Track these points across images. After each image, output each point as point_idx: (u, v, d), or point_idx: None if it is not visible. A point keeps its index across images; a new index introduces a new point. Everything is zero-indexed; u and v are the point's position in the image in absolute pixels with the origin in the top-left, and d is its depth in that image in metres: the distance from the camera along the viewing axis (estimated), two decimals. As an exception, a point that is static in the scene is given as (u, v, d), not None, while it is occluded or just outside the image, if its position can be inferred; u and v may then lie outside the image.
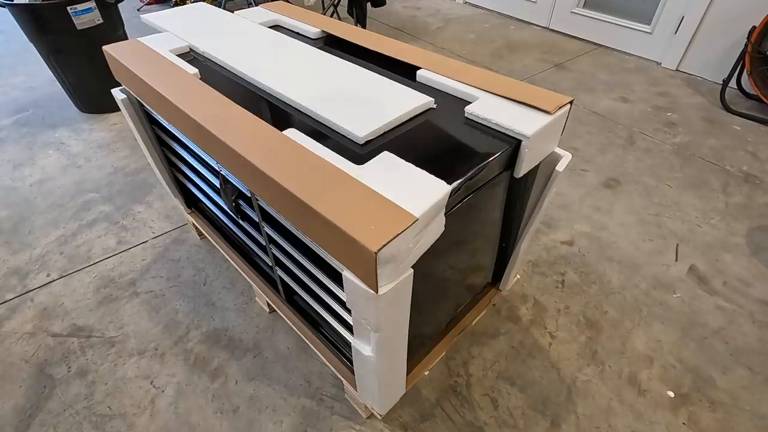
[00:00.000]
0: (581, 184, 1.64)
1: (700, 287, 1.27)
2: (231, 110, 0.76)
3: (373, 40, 1.04)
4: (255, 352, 1.10)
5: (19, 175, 1.68)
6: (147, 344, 1.12)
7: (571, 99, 0.79)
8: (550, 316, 1.19)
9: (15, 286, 1.27)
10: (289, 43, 1.01)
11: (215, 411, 0.99)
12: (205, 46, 0.99)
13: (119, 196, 1.58)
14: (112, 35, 1.88)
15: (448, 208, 0.65)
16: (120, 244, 1.40)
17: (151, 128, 1.10)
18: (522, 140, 0.72)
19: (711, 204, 1.55)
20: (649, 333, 1.15)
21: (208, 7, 1.21)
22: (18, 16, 1.69)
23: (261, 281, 1.08)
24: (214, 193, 1.01)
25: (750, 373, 1.06)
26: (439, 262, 0.79)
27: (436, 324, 0.96)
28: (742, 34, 2.11)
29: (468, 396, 1.02)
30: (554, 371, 1.06)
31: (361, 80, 0.86)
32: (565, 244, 1.40)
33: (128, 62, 0.92)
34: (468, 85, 0.84)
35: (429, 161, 0.67)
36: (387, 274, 0.56)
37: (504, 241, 1.01)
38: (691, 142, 1.87)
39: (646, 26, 2.48)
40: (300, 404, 1.00)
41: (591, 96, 2.21)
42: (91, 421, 0.97)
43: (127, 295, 1.24)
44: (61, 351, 1.11)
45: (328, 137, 0.73)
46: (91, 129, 1.94)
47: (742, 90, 2.18)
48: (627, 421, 0.97)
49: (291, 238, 0.79)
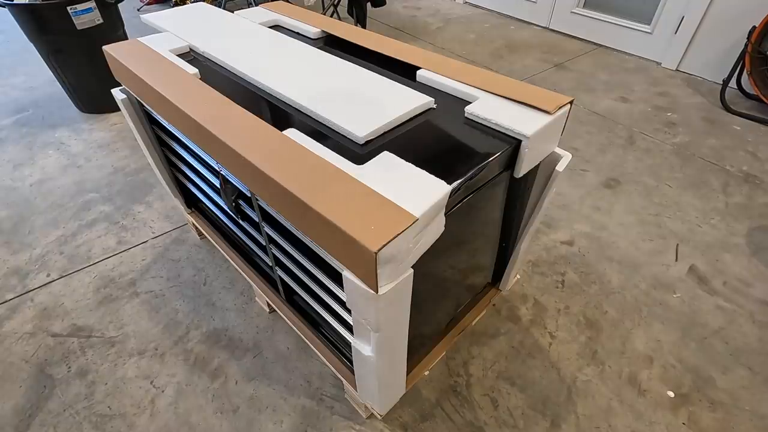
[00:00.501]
0: (581, 184, 1.64)
1: (700, 287, 1.27)
2: (231, 110, 0.76)
3: (373, 40, 1.04)
4: (255, 352, 1.10)
5: (19, 175, 1.68)
6: (147, 344, 1.12)
7: (571, 99, 0.79)
8: (550, 316, 1.19)
9: (15, 286, 1.27)
10: (289, 43, 1.01)
11: (215, 411, 0.99)
12: (205, 46, 0.99)
13: (119, 196, 1.58)
14: (112, 35, 1.88)
15: (448, 208, 0.65)
16: (120, 244, 1.40)
17: (151, 128, 1.10)
18: (522, 140, 0.72)
19: (711, 204, 1.55)
20: (649, 333, 1.15)
21: (208, 7, 1.21)
22: (18, 16, 1.69)
23: (261, 281, 1.08)
24: (214, 193, 1.01)
25: (750, 373, 1.06)
26: (439, 262, 0.79)
27: (436, 324, 0.96)
28: (742, 34, 2.11)
29: (468, 396, 1.02)
30: (554, 371, 1.06)
31: (361, 80, 0.86)
32: (565, 244, 1.40)
33: (128, 62, 0.92)
34: (468, 85, 0.84)
35: (429, 161, 0.67)
36: (387, 274, 0.56)
37: (504, 241, 1.01)
38: (691, 142, 1.87)
39: (646, 26, 2.48)
40: (300, 404, 1.00)
41: (591, 96, 2.21)
42: (91, 421, 0.97)
43: (127, 295, 1.24)
44: (61, 351, 1.11)
45: (328, 137, 0.73)
46: (91, 129, 1.94)
47: (742, 90, 2.18)
48: (627, 421, 0.97)
49: (291, 238, 0.79)
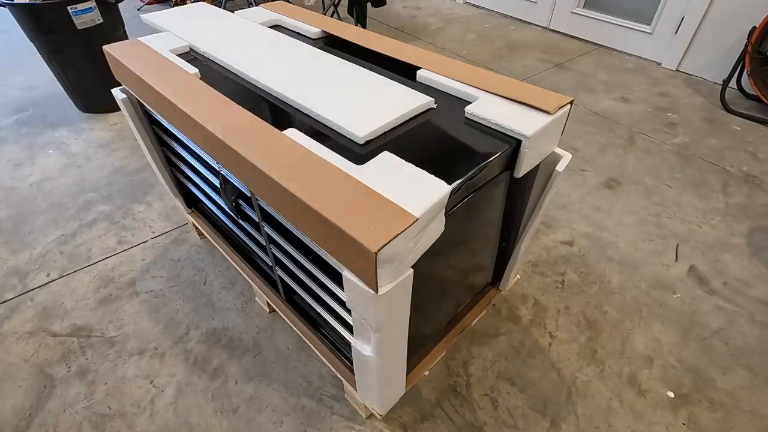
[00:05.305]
0: (581, 184, 1.64)
1: (700, 287, 1.27)
2: (231, 110, 0.76)
3: (373, 40, 1.04)
4: (255, 352, 1.10)
5: (19, 175, 1.68)
6: (147, 344, 1.12)
7: (572, 99, 0.79)
8: (550, 316, 1.19)
9: (15, 285, 1.27)
10: (289, 43, 1.01)
11: (215, 411, 0.99)
12: (205, 46, 0.99)
13: (119, 196, 1.58)
14: (112, 35, 1.88)
15: (448, 208, 0.65)
16: (120, 244, 1.40)
17: (151, 128, 1.10)
18: (522, 140, 0.72)
19: (711, 204, 1.55)
20: (649, 333, 1.15)
21: (208, 7, 1.21)
22: (18, 16, 1.69)
23: (261, 281, 1.08)
24: (214, 193, 1.01)
25: (750, 373, 1.06)
26: (439, 262, 0.79)
27: (436, 324, 0.96)
28: (742, 35, 2.11)
29: (468, 396, 1.02)
30: (554, 371, 1.06)
31: (361, 80, 0.86)
32: (565, 244, 1.40)
33: (128, 62, 0.92)
34: (468, 85, 0.84)
35: (429, 161, 0.67)
36: (387, 274, 0.56)
37: (504, 241, 1.01)
38: (691, 142, 1.87)
39: (646, 26, 2.48)
40: (300, 404, 1.00)
41: (591, 96, 2.21)
42: (91, 421, 0.97)
43: (127, 294, 1.24)
44: (61, 351, 1.11)
45: (328, 137, 0.73)
46: (91, 129, 1.94)
47: (742, 90, 2.18)
48: (627, 421, 0.97)
49: (291, 238, 0.79)
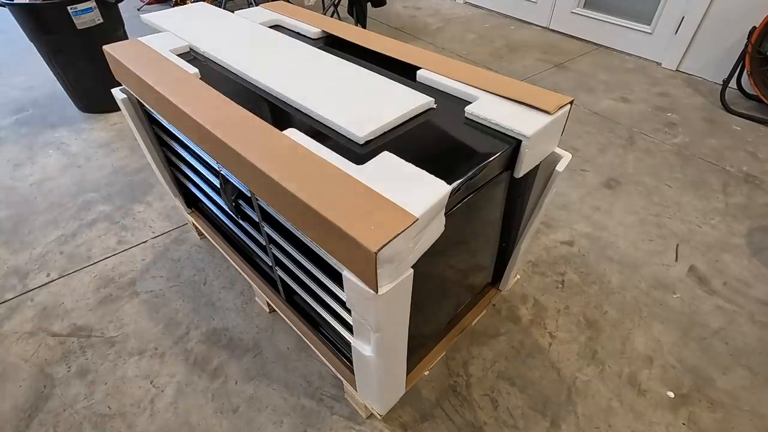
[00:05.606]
0: (581, 184, 1.64)
1: (700, 287, 1.27)
2: (231, 110, 0.76)
3: (373, 40, 1.04)
4: (255, 352, 1.10)
5: (19, 175, 1.68)
6: (147, 344, 1.12)
7: (572, 99, 0.79)
8: (550, 316, 1.19)
9: (15, 285, 1.27)
10: (289, 43, 1.01)
11: (215, 411, 0.99)
12: (205, 46, 0.99)
13: (119, 196, 1.58)
14: (112, 35, 1.88)
15: (448, 208, 0.65)
16: (120, 244, 1.40)
17: (151, 128, 1.10)
18: (522, 140, 0.72)
19: (711, 204, 1.55)
20: (649, 333, 1.15)
21: (208, 7, 1.21)
22: (18, 16, 1.69)
23: (261, 281, 1.08)
24: (214, 193, 1.01)
25: (750, 373, 1.06)
26: (439, 262, 0.78)
27: (436, 324, 0.96)
28: (742, 35, 2.11)
29: (468, 396, 1.02)
30: (554, 371, 1.06)
31: (361, 80, 0.86)
32: (565, 244, 1.40)
33: (128, 62, 0.92)
34: (468, 85, 0.84)
35: (429, 161, 0.67)
36: (387, 274, 0.56)
37: (504, 241, 1.01)
38: (691, 142, 1.87)
39: (646, 26, 2.48)
40: (300, 404, 1.00)
41: (591, 96, 2.21)
42: (91, 420, 0.97)
43: (127, 294, 1.24)
44: (61, 351, 1.11)
45: (328, 137, 0.73)
46: (91, 129, 1.94)
47: (742, 90, 2.18)
48: (627, 421, 0.97)
49: (291, 238, 0.79)
